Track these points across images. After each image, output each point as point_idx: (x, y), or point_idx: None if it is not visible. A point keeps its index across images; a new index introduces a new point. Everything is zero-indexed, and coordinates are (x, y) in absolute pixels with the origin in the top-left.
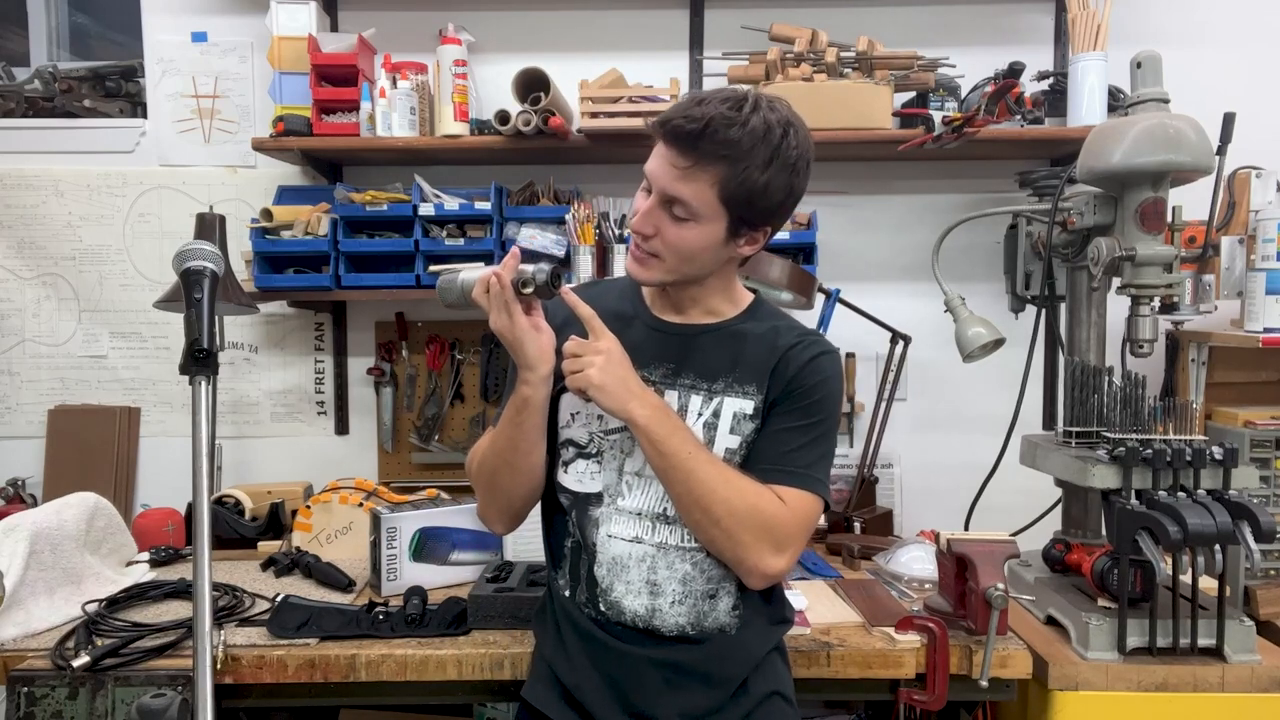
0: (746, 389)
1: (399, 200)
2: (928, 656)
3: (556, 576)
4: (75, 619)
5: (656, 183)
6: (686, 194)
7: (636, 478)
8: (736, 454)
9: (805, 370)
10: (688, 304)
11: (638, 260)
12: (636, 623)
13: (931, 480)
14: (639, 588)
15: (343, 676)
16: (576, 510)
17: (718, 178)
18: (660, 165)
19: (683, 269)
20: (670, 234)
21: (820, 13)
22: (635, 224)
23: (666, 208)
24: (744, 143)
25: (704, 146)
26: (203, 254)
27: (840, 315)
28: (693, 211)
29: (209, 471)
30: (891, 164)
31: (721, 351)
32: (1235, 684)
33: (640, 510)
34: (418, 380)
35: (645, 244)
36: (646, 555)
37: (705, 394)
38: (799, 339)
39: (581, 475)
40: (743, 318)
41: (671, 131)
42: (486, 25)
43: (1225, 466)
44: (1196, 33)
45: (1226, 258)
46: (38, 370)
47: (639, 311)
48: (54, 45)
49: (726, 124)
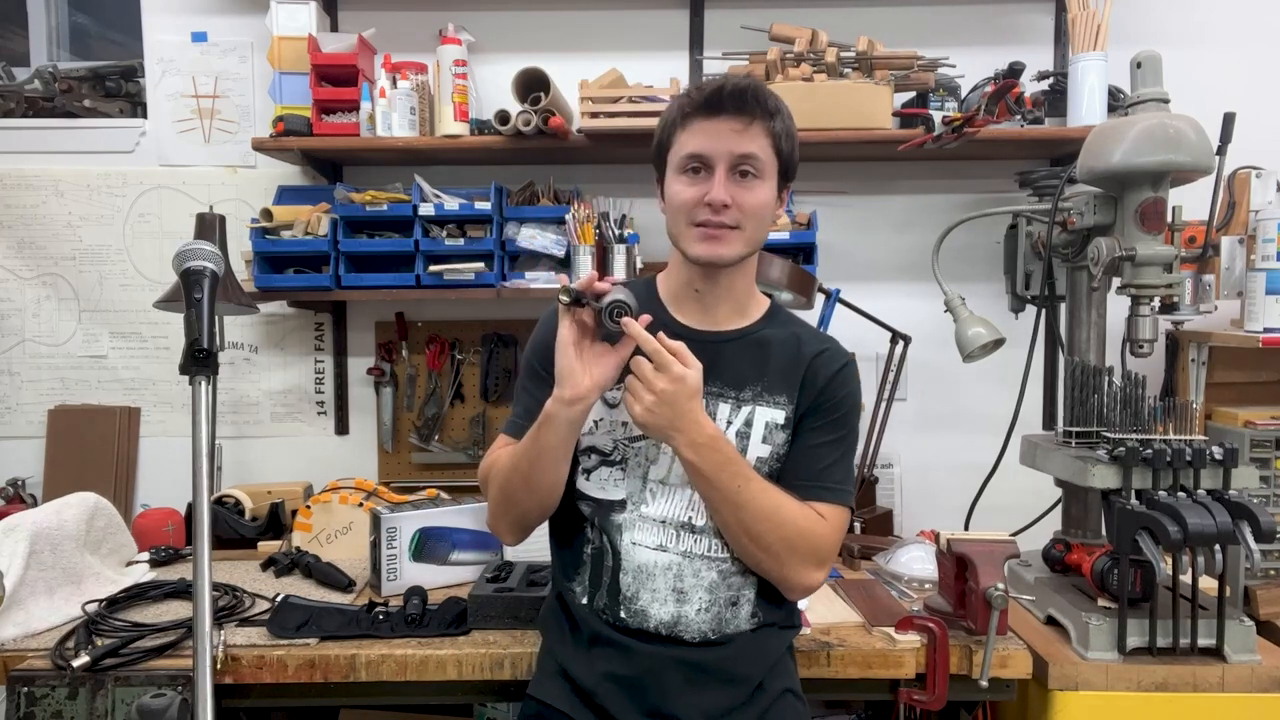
0: (777, 399)
1: (399, 200)
2: (928, 656)
3: (571, 585)
4: (75, 619)
5: (721, 149)
6: (755, 149)
7: (661, 485)
8: (766, 463)
9: (834, 383)
10: (721, 298)
11: (714, 238)
12: (660, 629)
13: (931, 480)
14: (665, 595)
15: (343, 676)
16: (599, 517)
17: (770, 130)
18: (717, 136)
19: (757, 235)
20: (745, 198)
21: (820, 13)
22: (714, 196)
23: (735, 173)
24: (772, 99)
25: (759, 101)
26: (203, 254)
27: (840, 315)
28: (760, 167)
29: (209, 471)
30: (891, 164)
31: (748, 359)
32: (1235, 684)
33: (665, 518)
34: (418, 380)
35: (725, 216)
36: (673, 564)
37: (733, 402)
38: (822, 348)
39: (605, 482)
40: (764, 322)
41: (730, 95)
42: (486, 25)
43: (1225, 466)
44: (1196, 33)
45: (1226, 258)
46: (38, 370)
47: (659, 314)
48: (54, 45)
49: (756, 85)
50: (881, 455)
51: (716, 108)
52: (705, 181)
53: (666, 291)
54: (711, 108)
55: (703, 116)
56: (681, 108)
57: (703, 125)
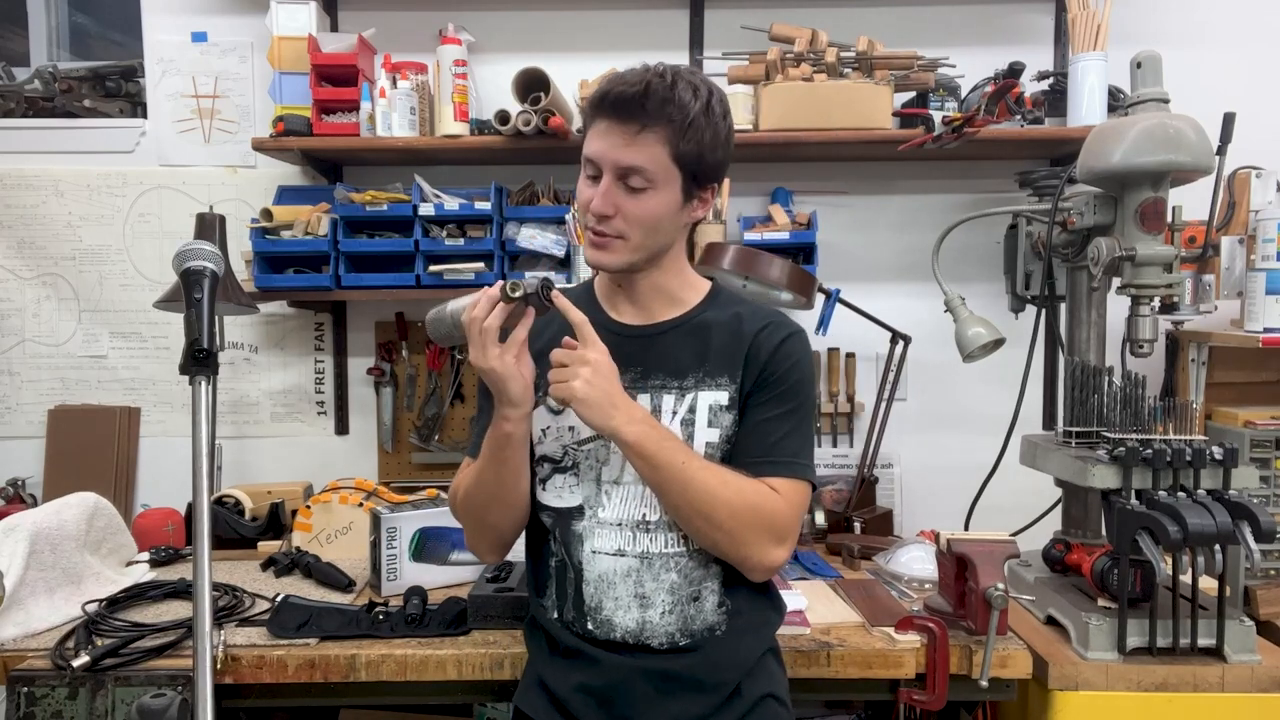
0: (719, 380)
1: (399, 200)
2: (928, 656)
3: (541, 600)
4: (75, 619)
5: (607, 158)
6: (641, 159)
7: (615, 486)
8: (717, 448)
9: (777, 355)
10: (648, 295)
11: (599, 246)
12: (626, 639)
13: (931, 480)
14: (628, 602)
15: (343, 676)
16: (560, 528)
17: (666, 137)
18: (606, 142)
19: (648, 243)
20: (631, 207)
21: (820, 13)
22: (595, 206)
23: (621, 182)
24: (682, 99)
25: (650, 107)
26: (203, 254)
27: (840, 315)
28: (650, 177)
29: (209, 471)
30: (891, 164)
31: (688, 347)
32: (1235, 684)
33: (620, 520)
34: (418, 380)
35: (606, 226)
36: (631, 569)
37: (677, 391)
38: (765, 322)
39: (560, 490)
40: (704, 306)
41: (614, 101)
42: (486, 25)
43: (1225, 466)
44: (1196, 33)
45: (1226, 258)
46: (38, 370)
47: (595, 316)
48: (54, 45)
49: (662, 85)
50: (881, 455)
51: (605, 112)
52: (597, 186)
53: (601, 291)
54: (601, 110)
55: (598, 117)
56: (588, 103)
57: (598, 127)
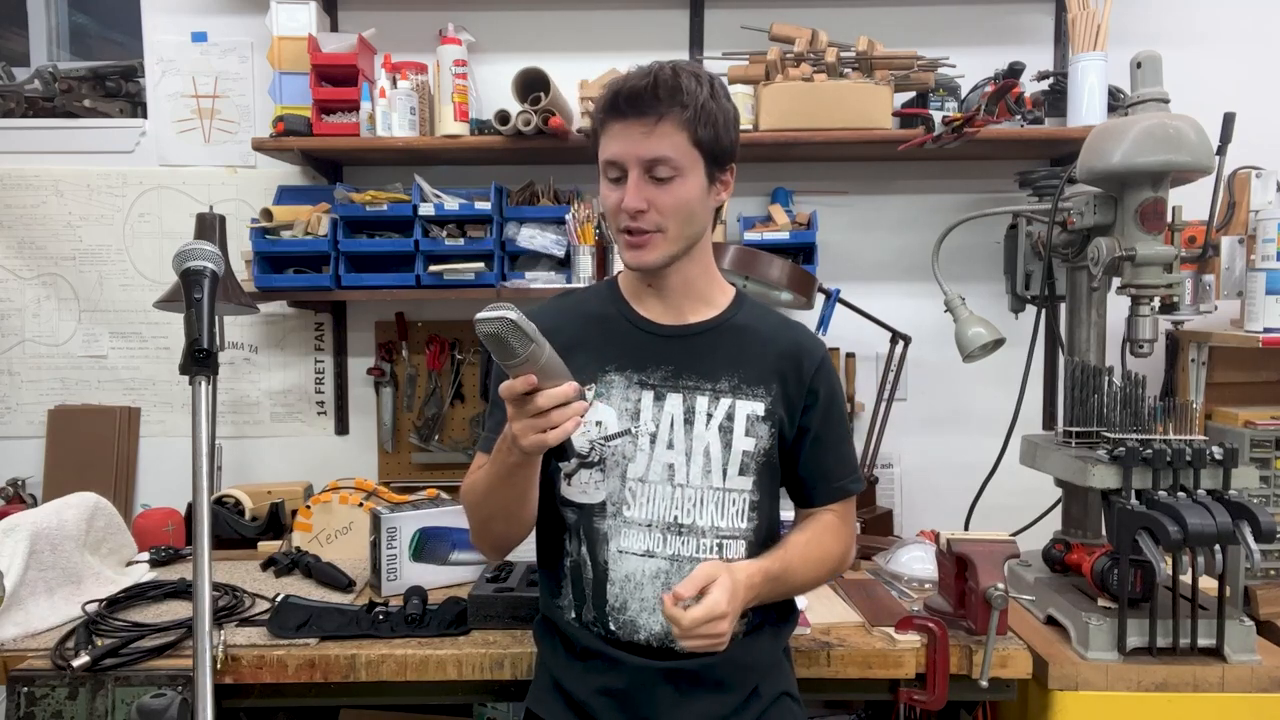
0: (755, 390)
1: (399, 200)
2: (928, 656)
3: (557, 602)
4: (75, 619)
5: (631, 154)
6: (665, 148)
7: (640, 484)
8: (754, 456)
9: (817, 378)
10: (679, 292)
11: (637, 246)
12: (651, 641)
13: (931, 480)
14: (654, 605)
15: (343, 676)
16: (583, 524)
17: (683, 123)
18: (625, 139)
19: (685, 232)
20: (662, 198)
21: (820, 13)
22: (627, 203)
23: (649, 175)
24: (689, 87)
25: (662, 96)
26: (203, 254)
27: (840, 315)
28: (676, 165)
29: (209, 471)
30: (891, 164)
31: (721, 350)
32: (1235, 684)
33: (650, 521)
34: (418, 380)
35: (642, 221)
36: (660, 571)
37: (711, 394)
38: (800, 339)
39: (585, 485)
40: (732, 311)
41: (627, 97)
42: (486, 25)
43: (1225, 466)
44: (1196, 33)
45: (1226, 258)
46: (38, 370)
47: (622, 310)
48: (54, 45)
49: (668, 76)
50: (881, 455)
51: (619, 111)
52: (624, 187)
53: (627, 288)
54: (615, 110)
55: (612, 119)
56: (598, 110)
57: (613, 129)
